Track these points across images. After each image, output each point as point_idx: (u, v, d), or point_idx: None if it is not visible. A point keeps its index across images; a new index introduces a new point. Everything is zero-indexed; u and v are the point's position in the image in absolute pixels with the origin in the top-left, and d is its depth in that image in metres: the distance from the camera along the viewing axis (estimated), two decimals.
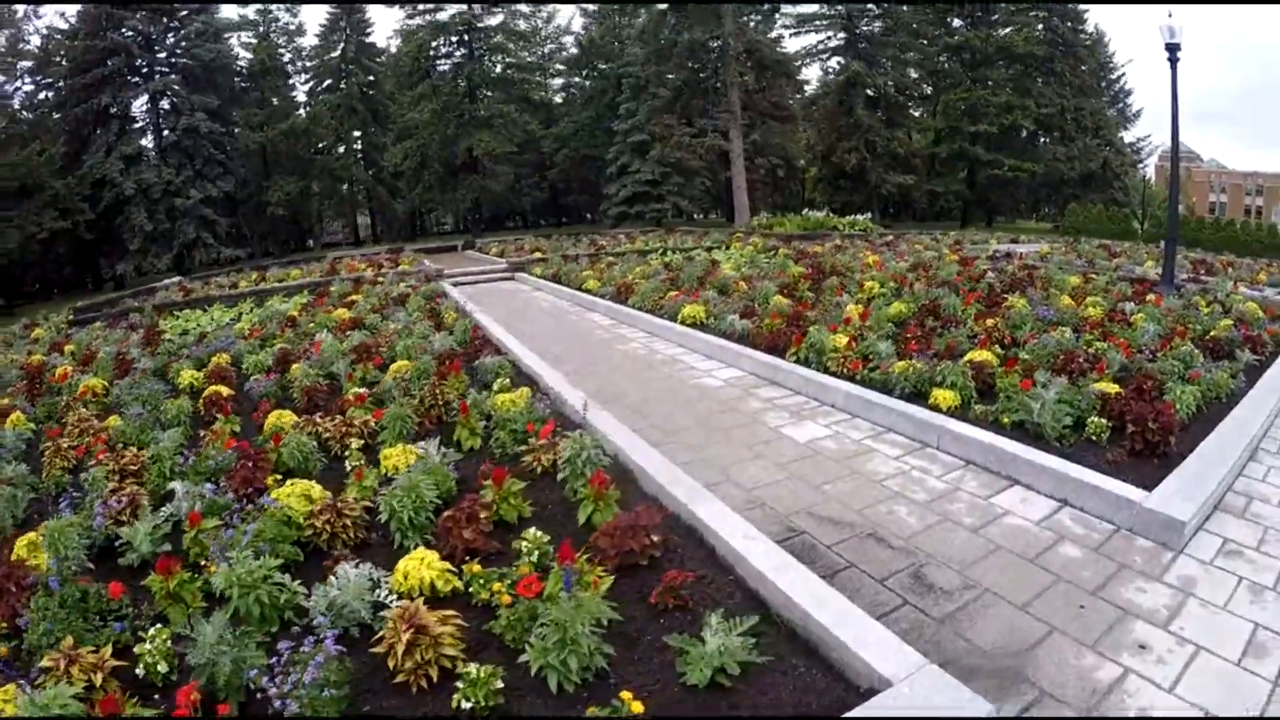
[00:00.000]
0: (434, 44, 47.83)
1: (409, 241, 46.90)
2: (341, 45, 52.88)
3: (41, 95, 42.81)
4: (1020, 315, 11.54)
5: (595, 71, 55.32)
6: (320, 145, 50.91)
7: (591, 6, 55.40)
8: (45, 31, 43.20)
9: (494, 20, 48.63)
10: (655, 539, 4.93)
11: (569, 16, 60.38)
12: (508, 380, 9.19)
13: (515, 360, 10.69)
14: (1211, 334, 10.72)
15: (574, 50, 57.95)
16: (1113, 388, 7.81)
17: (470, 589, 4.60)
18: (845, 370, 9.31)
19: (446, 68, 48.06)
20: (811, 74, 55.88)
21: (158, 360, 12.27)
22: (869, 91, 47.12)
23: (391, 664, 3.86)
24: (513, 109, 47.67)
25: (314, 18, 71.37)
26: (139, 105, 41.86)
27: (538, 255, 26.25)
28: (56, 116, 41.30)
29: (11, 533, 5.78)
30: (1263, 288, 16.61)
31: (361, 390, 8.82)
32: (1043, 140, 48.32)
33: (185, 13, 42.33)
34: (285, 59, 52.32)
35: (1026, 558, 5.39)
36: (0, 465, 7.05)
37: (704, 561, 5.02)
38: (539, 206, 59.46)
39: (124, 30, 39.91)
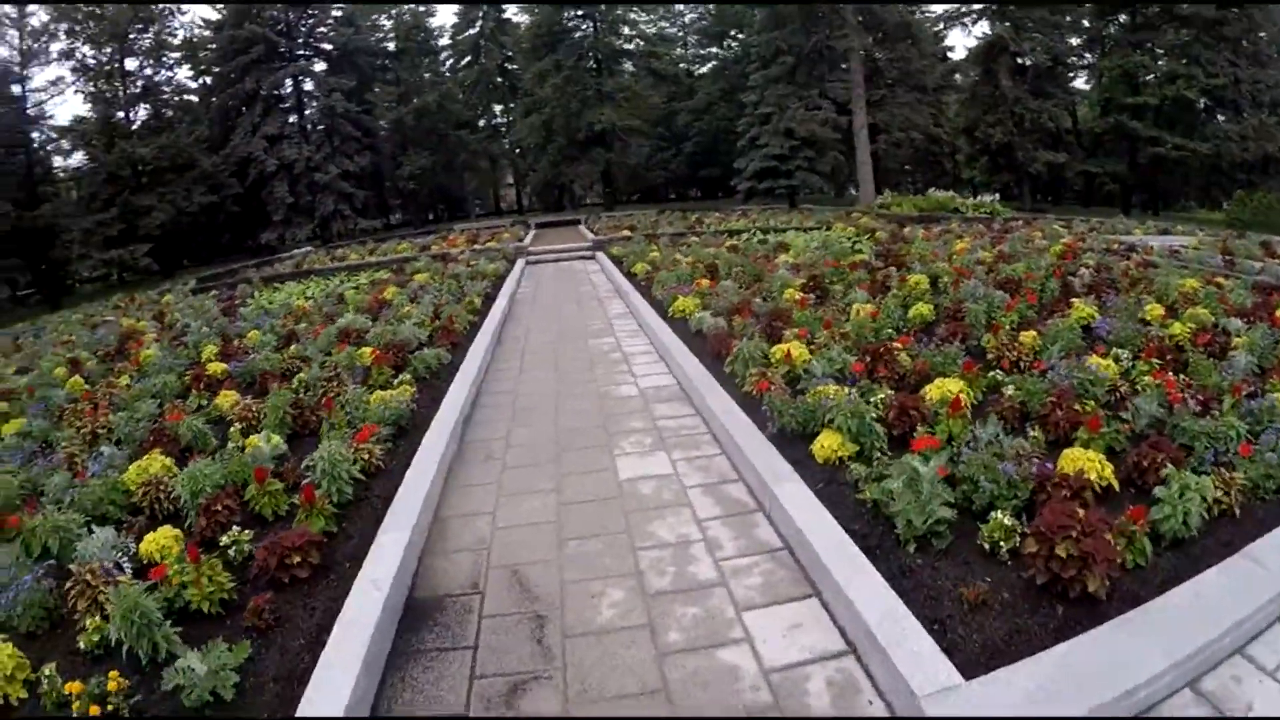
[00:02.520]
0: (558, 18, 47.92)
1: (552, 212, 48.19)
2: (480, 22, 54.37)
3: (191, 83, 47.56)
4: (1061, 330, 9.37)
5: (729, 42, 53.73)
6: (457, 120, 52.53)
7: None
8: (192, 24, 47.55)
9: None
10: (307, 559, 4.93)
11: None
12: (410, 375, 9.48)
13: (451, 357, 10.76)
14: None
15: (707, 20, 56.50)
16: (1089, 461, 5.33)
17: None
18: (755, 391, 7.78)
19: (570, 42, 47.96)
20: (957, 40, 51.86)
21: (195, 335, 13.26)
22: (1016, 59, 43.23)
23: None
24: (636, 83, 47.98)
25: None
26: (281, 88, 45.56)
27: (624, 233, 25.85)
28: (205, 101, 46.01)
29: None
30: None
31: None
32: (1219, 117, 42.93)
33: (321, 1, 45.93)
34: (419, 38, 54.08)
35: None
36: (34, 418, 9.10)
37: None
38: (676, 181, 59.01)
39: (267, 19, 43.72)
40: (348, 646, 4.11)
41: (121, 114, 42.31)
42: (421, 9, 54.50)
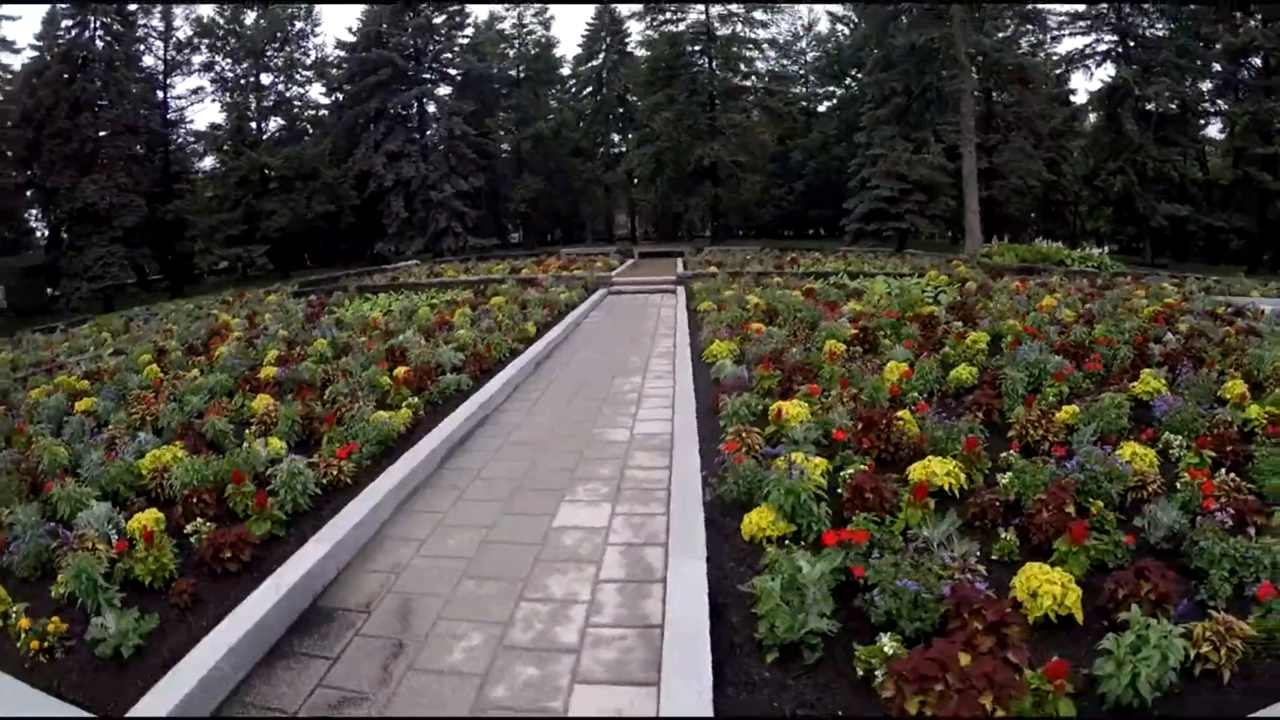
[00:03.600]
0: (671, 52, 48.53)
1: (666, 242, 49.11)
2: (603, 54, 56.32)
3: (324, 99, 51.25)
4: (1106, 406, 8.16)
5: (849, 80, 53.45)
6: (575, 148, 54.47)
7: (838, 9, 53.31)
8: (321, 45, 52.12)
9: (733, 29, 49.05)
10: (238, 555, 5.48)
11: (820, 20, 58.24)
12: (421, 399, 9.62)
13: (473, 384, 10.84)
14: None
15: (823, 58, 56.72)
16: (1049, 584, 4.46)
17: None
18: (725, 451, 7.20)
19: (684, 77, 48.43)
20: (1080, 83, 49.88)
21: (266, 339, 14.15)
22: (1141, 103, 41.31)
23: None
24: (747, 119, 48.54)
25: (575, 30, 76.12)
26: (405, 109, 48.38)
27: (711, 270, 25.70)
28: (335, 116, 49.33)
29: None
30: None
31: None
32: None
33: (449, 30, 49.00)
34: (540, 67, 56.45)
35: None
36: (105, 400, 10.22)
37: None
38: (787, 218, 58.52)
39: (396, 45, 46.55)
40: (225, 636, 4.53)
41: (254, 124, 45.90)
42: (543, 37, 56.80)
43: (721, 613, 4.79)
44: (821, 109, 58.47)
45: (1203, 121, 45.70)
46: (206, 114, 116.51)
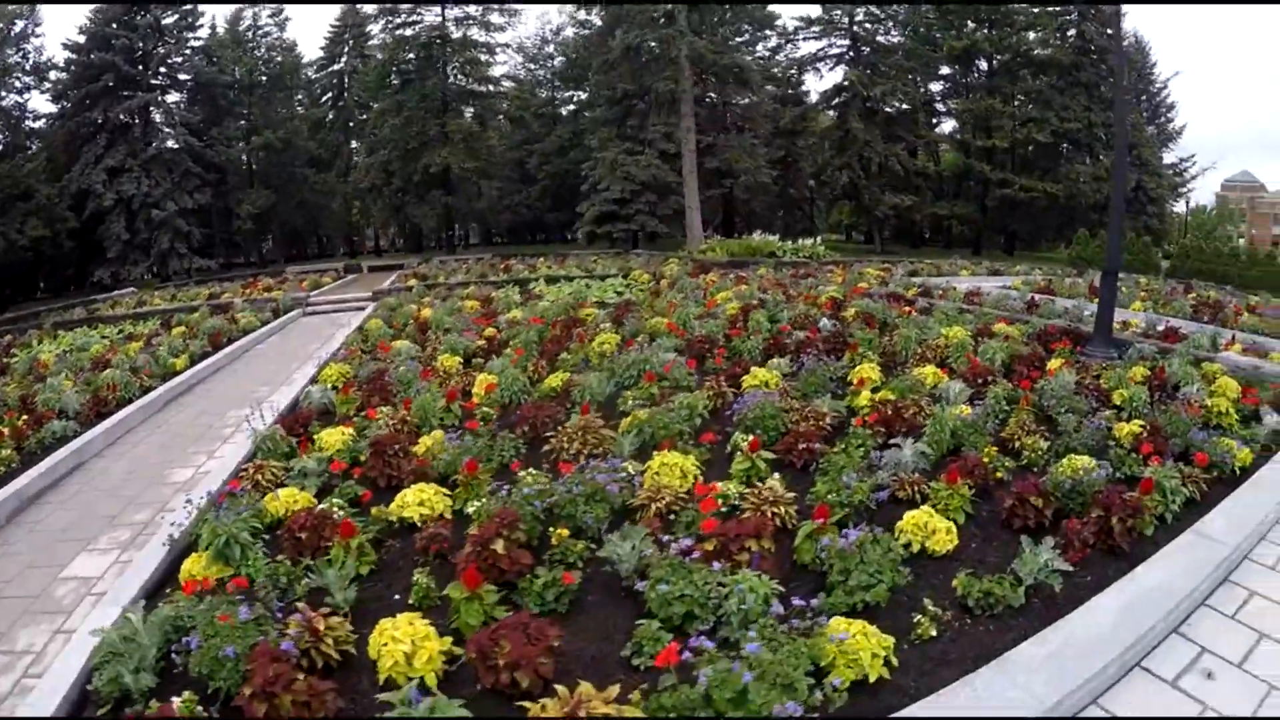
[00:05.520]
0: (401, 57, 46.18)
1: (411, 253, 47.10)
2: (344, 58, 52.79)
3: (46, 109, 44.79)
4: (678, 408, 7.87)
5: (586, 84, 52.07)
6: (312, 158, 50.74)
7: (581, 14, 51.86)
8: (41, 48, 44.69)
9: (467, 33, 46.59)
10: None
11: (559, 25, 56.81)
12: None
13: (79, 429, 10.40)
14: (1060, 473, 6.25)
15: (566, 63, 55.25)
16: (399, 645, 4.13)
17: None
18: None
19: (416, 82, 45.81)
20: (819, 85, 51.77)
21: None
22: (867, 103, 43.07)
23: None
24: (480, 125, 46.58)
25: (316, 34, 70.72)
26: (129, 119, 42.70)
27: (410, 283, 24.54)
28: (55, 128, 43.20)
29: None
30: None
31: None
32: (1064, 161, 44.06)
33: (180, 31, 44.35)
34: (265, 75, 51.49)
35: None
36: None
37: None
38: (524, 224, 57.26)
39: (120, 47, 40.93)
40: None
41: None
42: (279, 40, 52.42)
43: None
44: (562, 113, 57.11)
45: (935, 120, 49.70)
46: None
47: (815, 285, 17.99)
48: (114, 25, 40.82)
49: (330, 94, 54.38)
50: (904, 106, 45.72)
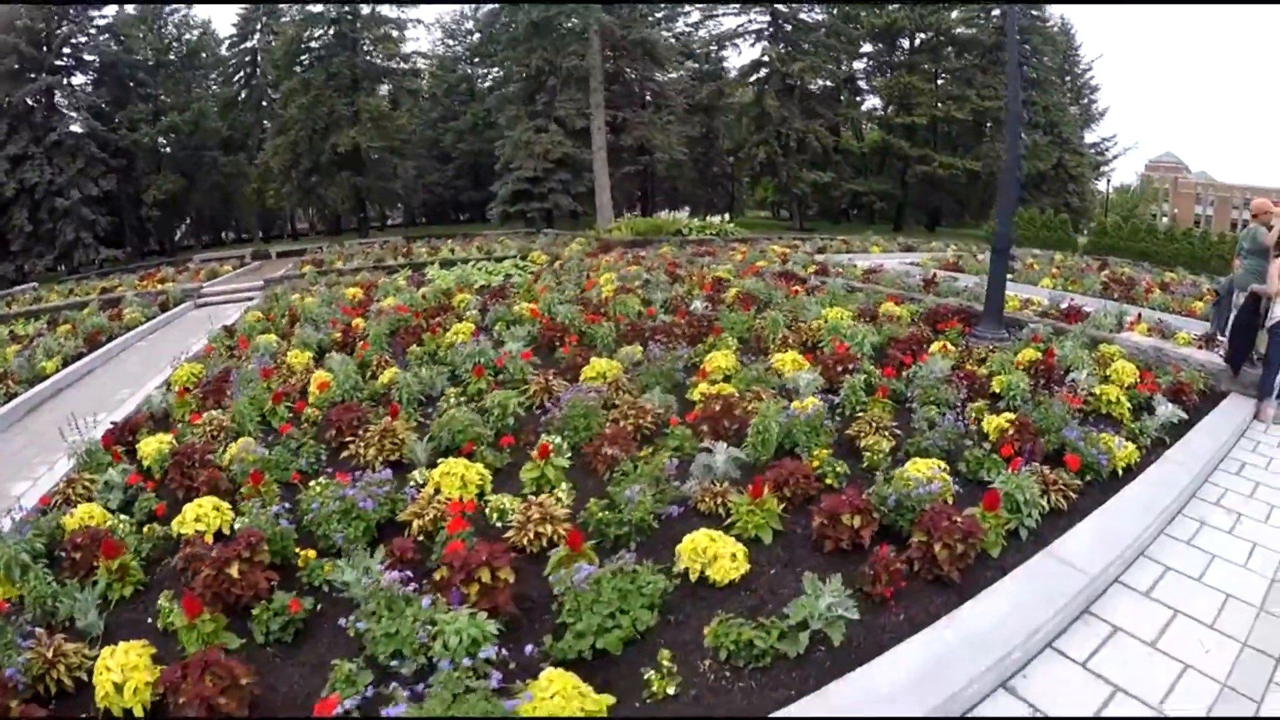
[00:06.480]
0: (310, 34, 44.04)
1: (326, 239, 44.33)
2: (257, 35, 49.80)
3: None
4: (492, 405, 7.16)
5: (501, 61, 50.53)
6: (225, 141, 48.58)
7: None
8: None
9: (377, 9, 44.80)
10: None
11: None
12: None
13: None
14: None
15: (476, 39, 53.37)
16: None
17: None
18: None
19: (324, 59, 43.80)
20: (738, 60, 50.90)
21: None
22: (787, 80, 42.45)
23: None
24: (390, 103, 44.92)
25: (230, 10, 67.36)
26: (32, 103, 40.29)
27: (305, 269, 23.60)
28: None
29: None
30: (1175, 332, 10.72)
31: None
32: (985, 139, 43.97)
33: (83, 9, 41.59)
34: (174, 55, 49.52)
35: None
36: None
37: None
38: (439, 204, 55.94)
39: (24, 25, 38.50)
40: None
41: None
42: (186, 15, 50.40)
43: None
44: (479, 89, 55.49)
45: (859, 98, 49.61)
46: None
47: (712, 264, 17.06)
48: (16, 4, 38.20)
49: (243, 73, 51.51)
50: (826, 84, 45.42)
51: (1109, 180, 55.72)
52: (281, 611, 4.37)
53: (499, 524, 5.17)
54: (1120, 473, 5.83)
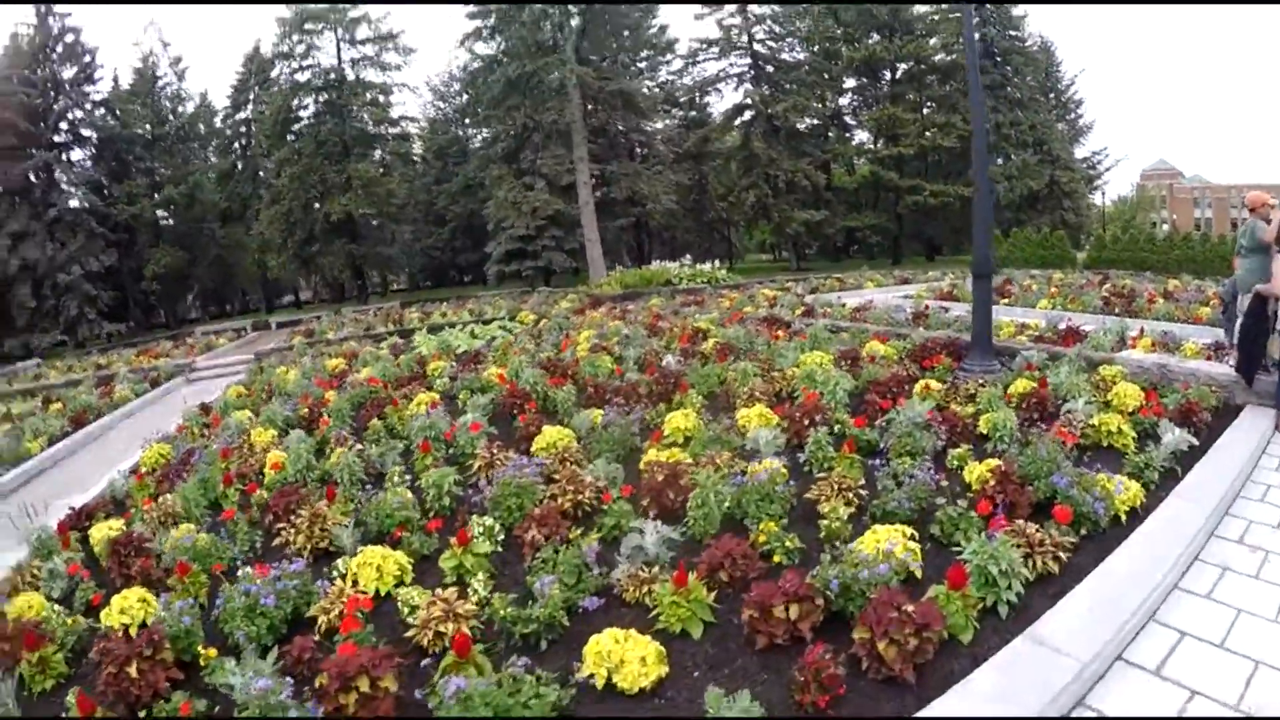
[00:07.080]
0: (295, 103, 44.23)
1: (334, 304, 45.23)
2: (250, 105, 50.12)
3: None
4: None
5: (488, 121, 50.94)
6: (222, 213, 49.11)
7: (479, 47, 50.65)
8: None
9: (361, 75, 44.97)
10: None
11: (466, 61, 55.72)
12: None
13: None
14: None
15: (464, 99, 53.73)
16: None
17: None
18: None
19: (312, 126, 44.17)
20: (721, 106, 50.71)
21: None
22: (772, 121, 42.38)
23: None
24: (380, 169, 44.69)
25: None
26: (30, 180, 40.61)
27: (296, 339, 23.06)
28: None
29: None
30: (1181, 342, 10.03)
31: None
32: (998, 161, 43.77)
33: (79, 84, 42.63)
34: (169, 128, 49.63)
35: None
36: None
37: None
38: (439, 267, 56.24)
39: (19, 102, 39.11)
40: None
41: None
42: (180, 90, 50.78)
43: None
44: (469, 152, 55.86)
45: (848, 134, 49.36)
46: None
47: (697, 314, 16.54)
48: (12, 80, 38.99)
49: (238, 144, 51.80)
50: (812, 121, 45.54)
51: (1104, 193, 55.25)
52: (174, 714, 4.16)
53: (410, 619, 4.64)
54: (1124, 517, 5.12)
